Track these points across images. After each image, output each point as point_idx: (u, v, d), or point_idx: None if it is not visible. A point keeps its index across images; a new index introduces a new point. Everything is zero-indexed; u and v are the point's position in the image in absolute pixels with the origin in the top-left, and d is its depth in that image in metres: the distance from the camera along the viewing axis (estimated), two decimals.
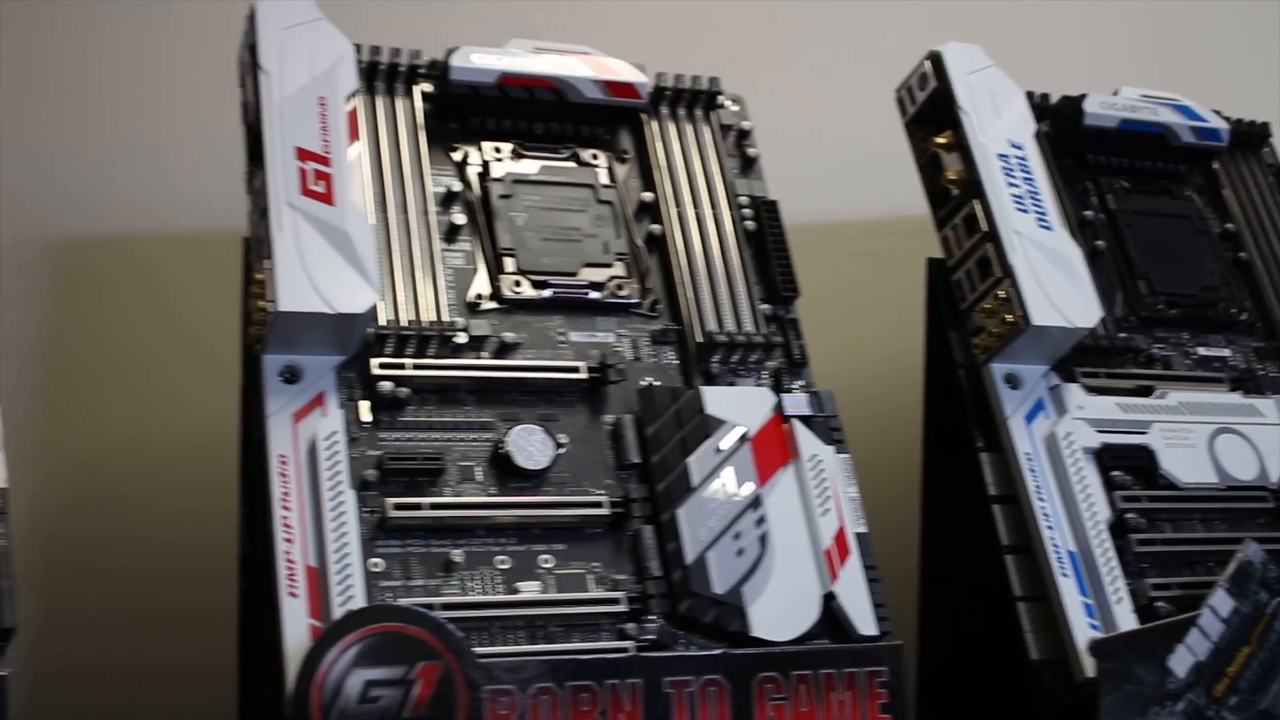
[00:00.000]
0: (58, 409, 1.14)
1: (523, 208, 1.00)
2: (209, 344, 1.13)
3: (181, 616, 1.10)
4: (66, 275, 1.17)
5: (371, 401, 0.90)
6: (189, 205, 1.20)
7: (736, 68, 1.14)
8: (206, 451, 1.15)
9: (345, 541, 0.84)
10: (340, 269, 0.86)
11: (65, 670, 1.08)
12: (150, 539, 1.12)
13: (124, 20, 1.21)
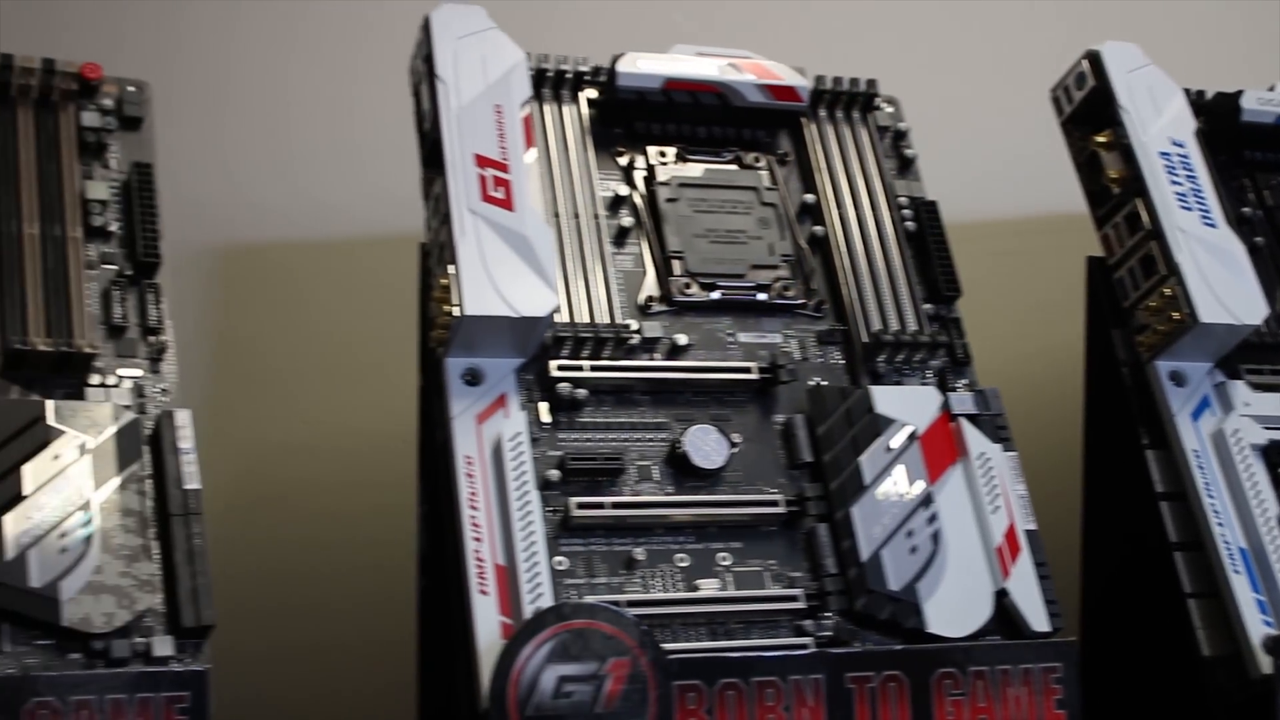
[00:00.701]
0: (226, 412, 1.17)
1: (689, 211, 1.01)
2: (373, 348, 1.15)
3: (352, 615, 1.12)
4: (234, 280, 1.19)
5: (550, 403, 0.92)
6: (354, 210, 1.22)
7: (881, 67, 1.14)
8: (372, 453, 1.17)
9: (533, 540, 0.86)
10: (522, 273, 0.88)
11: (246, 668, 1.10)
12: (320, 539, 1.14)
13: (299, 28, 1.24)
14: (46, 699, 0.78)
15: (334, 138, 1.23)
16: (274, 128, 1.23)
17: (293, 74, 1.25)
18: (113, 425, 0.87)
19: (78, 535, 0.83)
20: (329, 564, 1.14)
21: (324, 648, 1.12)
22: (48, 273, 0.91)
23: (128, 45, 1.20)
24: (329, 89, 1.24)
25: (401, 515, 1.08)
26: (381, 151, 1.22)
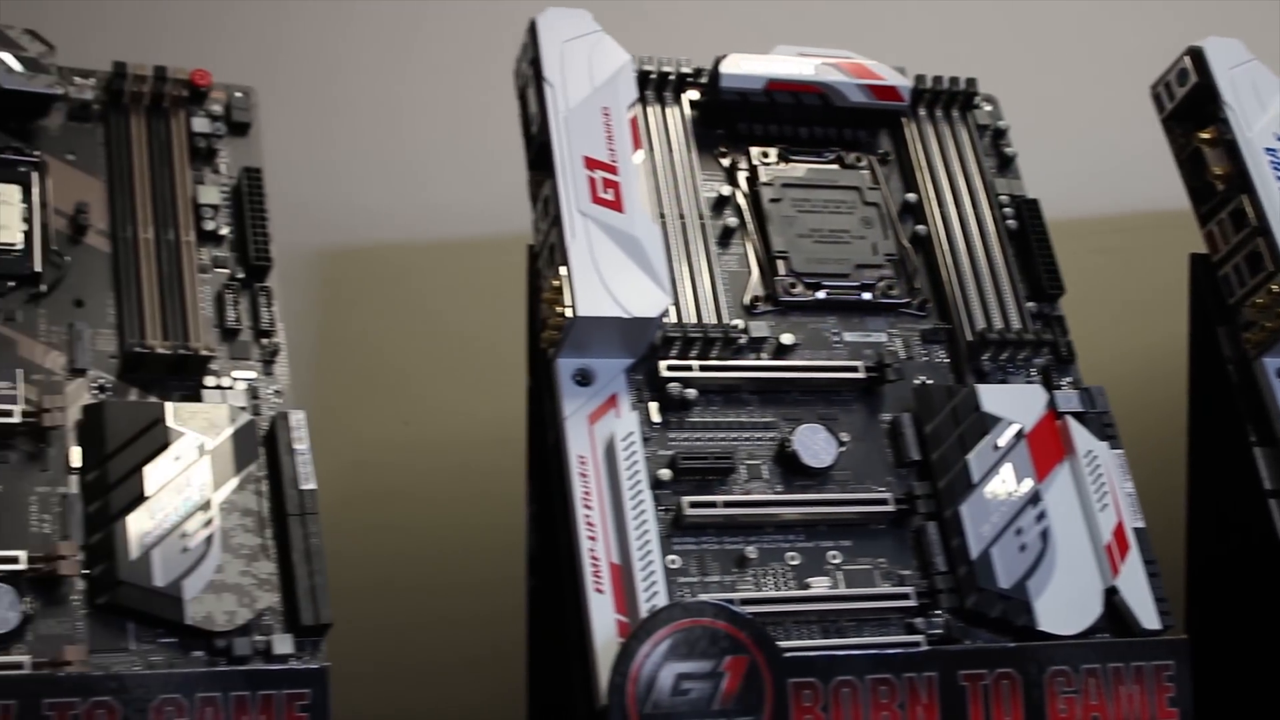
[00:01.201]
0: (333, 414, 1.18)
1: (792, 211, 1.02)
2: (478, 349, 1.16)
3: (461, 615, 1.13)
4: (338, 282, 1.20)
5: (660, 402, 0.93)
6: (457, 212, 1.23)
7: (979, 65, 1.14)
8: (477, 453, 1.19)
9: (647, 539, 0.86)
10: (633, 274, 0.89)
11: (356, 665, 1.11)
12: (426, 539, 1.15)
13: (402, 31, 1.25)
14: (173, 696, 0.79)
15: (438, 140, 1.24)
16: (377, 131, 1.24)
17: (396, 77, 1.26)
18: (230, 426, 0.88)
19: (199, 535, 0.84)
20: (435, 563, 1.15)
21: (433, 646, 1.13)
22: (163, 277, 0.93)
23: (233, 51, 1.21)
24: (434, 91, 1.26)
25: (508, 515, 1.08)
26: (486, 153, 1.23)
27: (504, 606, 1.09)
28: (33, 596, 0.81)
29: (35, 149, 0.95)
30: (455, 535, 1.17)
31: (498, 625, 1.08)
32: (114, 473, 0.84)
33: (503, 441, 1.18)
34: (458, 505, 1.18)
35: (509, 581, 1.09)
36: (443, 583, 1.15)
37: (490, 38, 1.14)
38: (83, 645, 0.81)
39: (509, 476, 1.11)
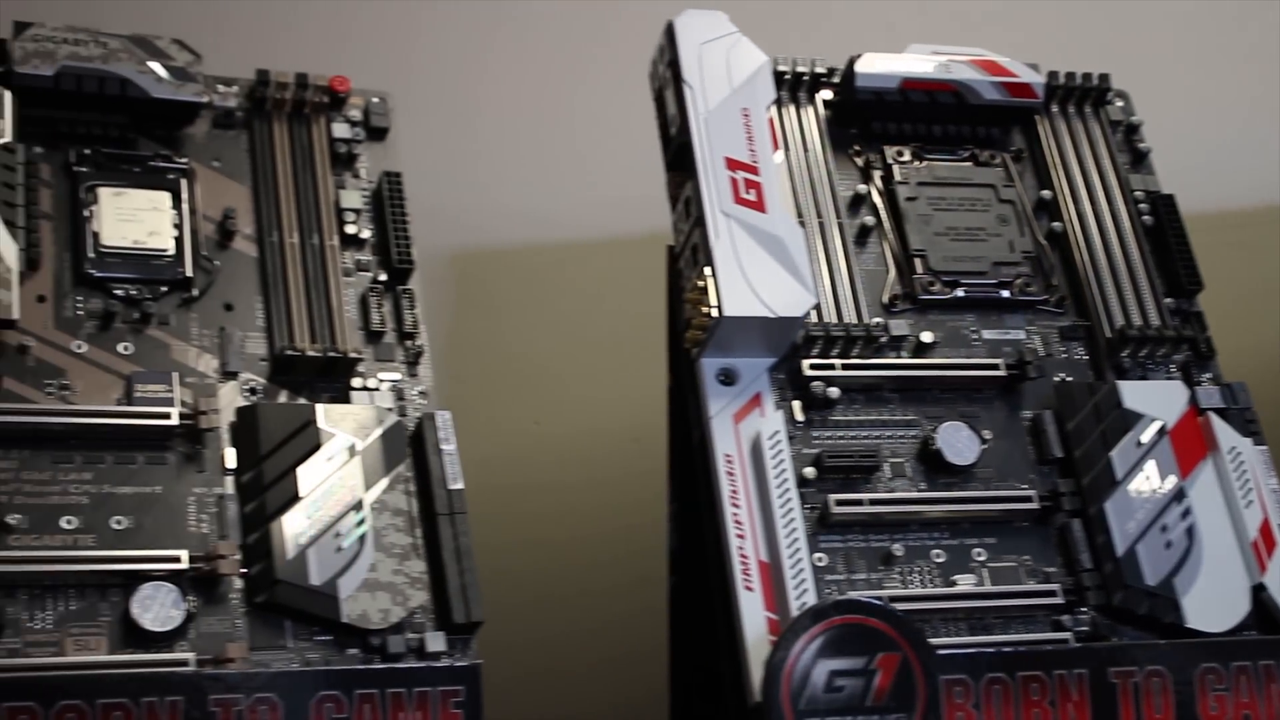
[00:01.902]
0: (468, 415, 1.19)
1: (928, 209, 1.02)
2: (609, 348, 1.17)
3: (598, 614, 1.14)
4: (470, 284, 1.22)
5: (803, 401, 0.93)
6: (585, 213, 1.24)
7: (1107, 59, 1.14)
8: (601, 451, 1.19)
9: (795, 537, 0.87)
10: (777, 274, 0.90)
11: (497, 662, 1.12)
12: (558, 538, 1.16)
13: (541, 32, 1.27)
14: (333, 692, 0.80)
15: (569, 141, 1.25)
16: (507, 133, 1.25)
17: (527, 79, 1.27)
18: (378, 428, 0.89)
19: (352, 535, 0.86)
20: (566, 561, 1.16)
21: (567, 644, 1.14)
22: (309, 280, 0.94)
23: (361, 56, 1.23)
24: (564, 93, 1.27)
25: (640, 512, 1.09)
26: (616, 154, 1.24)
27: (638, 604, 1.10)
28: (194, 595, 0.82)
29: (183, 156, 0.96)
30: (585, 533, 1.18)
31: (633, 622, 1.08)
32: (269, 474, 0.86)
33: (633, 440, 1.19)
34: (588, 503, 1.19)
35: (643, 579, 1.09)
36: (576, 580, 1.16)
37: (623, 39, 1.15)
38: (243, 643, 0.82)
39: (640, 474, 1.12)
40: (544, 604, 1.15)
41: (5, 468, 0.84)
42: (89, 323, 0.89)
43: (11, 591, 0.80)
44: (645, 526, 1.15)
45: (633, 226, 1.21)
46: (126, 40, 0.95)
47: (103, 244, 0.92)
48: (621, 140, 1.16)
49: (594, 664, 1.14)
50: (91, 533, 0.83)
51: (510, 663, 1.13)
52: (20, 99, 0.92)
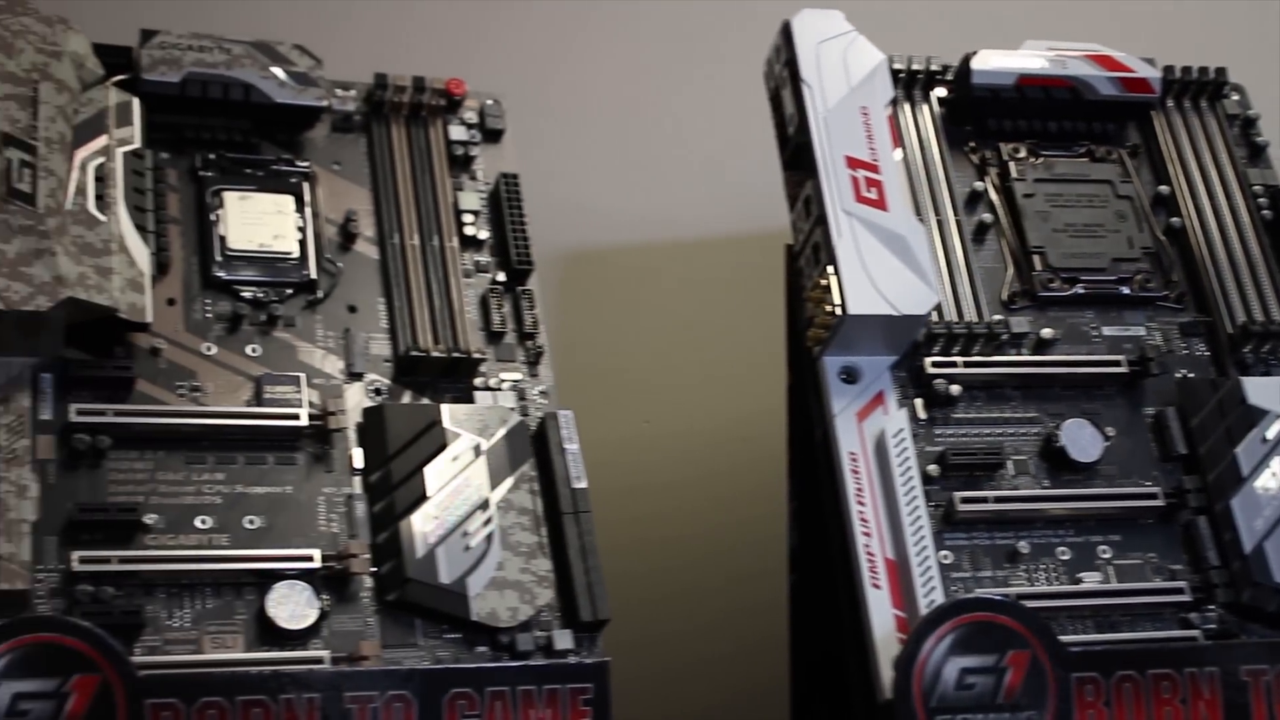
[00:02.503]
0: (583, 414, 1.19)
1: (1046, 206, 1.02)
2: (708, 347, 1.18)
3: (715, 611, 1.14)
4: (579, 284, 1.22)
5: (925, 399, 0.93)
6: (692, 212, 1.24)
7: (1217, 53, 1.13)
8: (711, 449, 1.20)
9: (922, 535, 0.87)
10: (900, 272, 0.90)
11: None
12: (672, 536, 1.17)
13: (653, 31, 1.27)
14: (465, 690, 0.81)
15: (676, 140, 1.26)
16: (617, 133, 1.26)
17: (635, 79, 1.28)
18: (502, 427, 0.90)
19: (480, 534, 0.86)
20: (677, 559, 1.16)
21: (687, 641, 1.14)
22: (431, 282, 0.95)
23: (470, 56, 1.24)
24: (672, 92, 1.27)
25: (751, 510, 1.10)
26: (723, 154, 1.25)
27: (752, 601, 1.10)
28: (327, 593, 0.83)
29: (304, 160, 0.97)
30: (695, 531, 1.19)
31: (747, 619, 1.09)
32: (396, 473, 0.87)
33: (743, 439, 1.20)
34: (698, 502, 1.19)
35: (755, 576, 1.10)
36: (689, 578, 1.16)
37: (735, 39, 1.15)
38: (375, 640, 0.83)
39: (749, 473, 1.12)
40: (658, 601, 1.15)
41: (141, 469, 0.85)
42: (218, 325, 0.90)
43: (150, 590, 0.81)
44: (755, 524, 1.15)
45: (739, 225, 1.22)
46: (249, 46, 0.97)
47: (229, 247, 0.93)
48: (732, 140, 1.17)
49: (711, 661, 1.14)
50: (225, 532, 0.84)
51: (628, 660, 1.13)
52: (147, 105, 0.93)
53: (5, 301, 0.80)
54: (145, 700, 0.75)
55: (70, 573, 0.79)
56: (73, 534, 0.81)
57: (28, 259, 0.81)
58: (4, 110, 0.86)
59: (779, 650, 1.03)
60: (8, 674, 0.73)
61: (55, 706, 0.73)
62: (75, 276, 0.82)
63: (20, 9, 0.89)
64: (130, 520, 0.82)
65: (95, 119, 0.90)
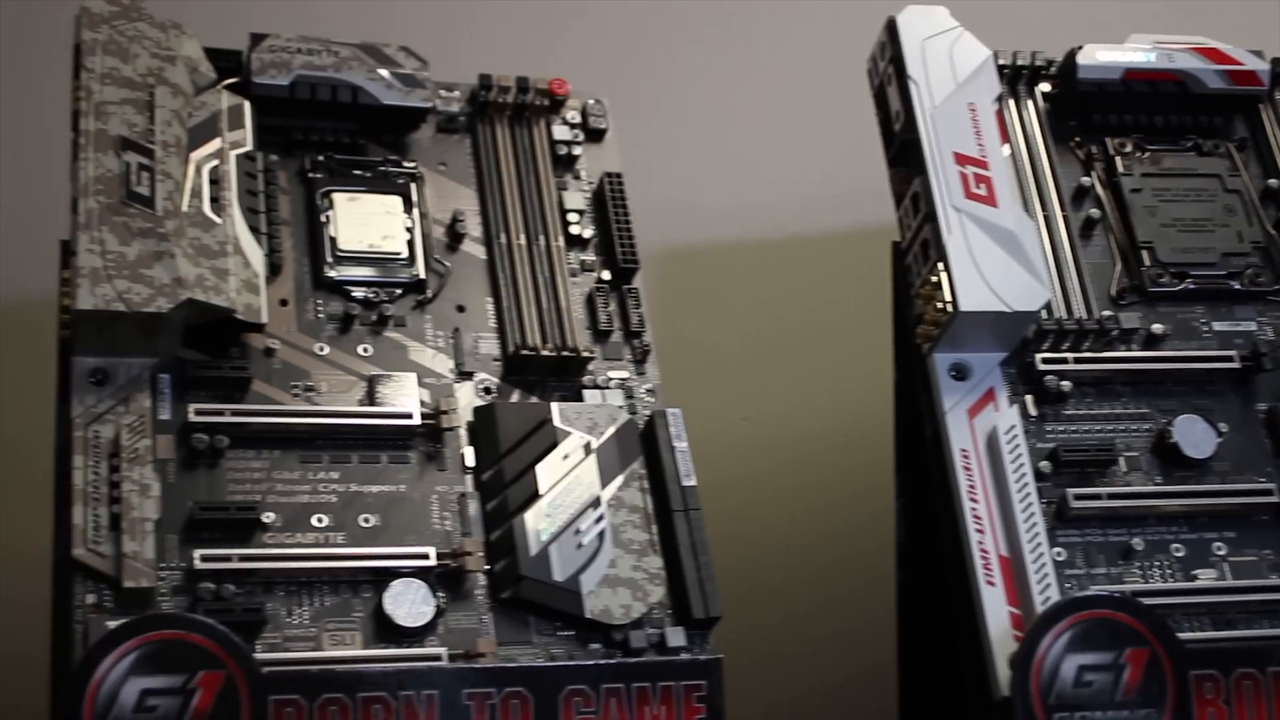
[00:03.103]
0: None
1: (1154, 201, 1.01)
2: (805, 344, 1.18)
3: (821, 607, 1.14)
4: (673, 282, 1.23)
5: (1035, 395, 0.93)
6: (775, 212, 1.24)
7: None
8: (810, 446, 1.20)
9: (1036, 531, 0.86)
10: (1010, 268, 0.89)
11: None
12: (770, 535, 1.17)
13: (754, 28, 1.27)
14: (580, 687, 0.81)
15: (773, 137, 1.26)
16: (714, 131, 1.26)
17: (736, 77, 1.28)
18: (611, 425, 0.90)
19: (592, 531, 0.87)
20: (778, 556, 1.16)
21: (792, 639, 1.14)
22: (538, 281, 0.95)
23: (564, 55, 1.24)
24: (771, 91, 1.27)
25: (853, 509, 1.09)
26: (817, 150, 1.25)
27: (854, 600, 1.10)
28: (442, 591, 0.84)
29: (410, 160, 0.98)
30: (795, 529, 1.19)
31: (850, 617, 1.09)
32: (508, 471, 0.87)
33: (843, 435, 1.20)
34: (797, 500, 1.19)
35: (857, 574, 1.10)
36: (791, 575, 1.16)
37: (834, 36, 1.15)
38: (491, 638, 0.83)
39: (850, 470, 1.12)
40: (760, 598, 1.15)
41: (257, 468, 0.86)
42: (329, 325, 0.91)
43: (269, 588, 0.82)
44: (856, 521, 1.15)
45: (839, 222, 1.22)
46: (356, 48, 0.97)
47: (340, 248, 0.94)
48: (833, 136, 1.17)
49: (818, 656, 1.14)
50: (341, 530, 0.85)
51: (734, 656, 1.14)
52: (256, 108, 0.94)
53: (126, 303, 0.81)
54: (269, 697, 0.76)
55: (192, 571, 0.80)
56: (193, 532, 0.82)
57: (148, 261, 0.82)
58: (121, 115, 0.87)
59: (886, 646, 1.03)
60: (135, 670, 0.74)
61: (182, 703, 0.74)
62: (194, 278, 0.83)
63: (135, 14, 0.90)
64: (249, 519, 0.83)
65: (208, 122, 0.91)
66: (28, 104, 1.13)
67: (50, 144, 1.00)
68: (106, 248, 0.82)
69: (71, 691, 0.72)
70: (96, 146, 0.85)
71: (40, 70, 1.11)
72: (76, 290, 0.80)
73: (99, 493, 0.80)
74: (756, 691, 1.14)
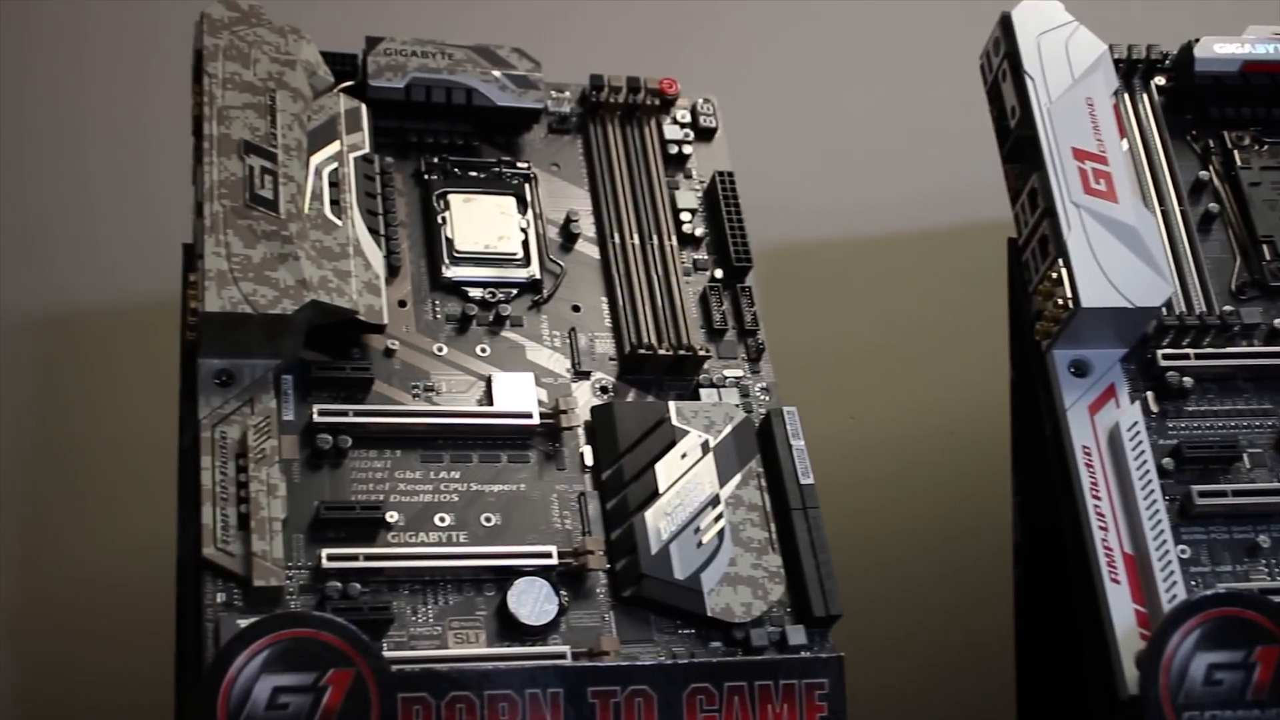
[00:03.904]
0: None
1: (1273, 194, 1.00)
2: (911, 341, 1.17)
3: (936, 608, 1.14)
4: (777, 280, 1.22)
5: (1156, 392, 0.92)
6: (880, 209, 1.24)
7: None
8: (916, 444, 1.19)
9: (1160, 529, 0.86)
10: (1131, 264, 0.89)
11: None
12: (872, 530, 1.16)
13: (861, 25, 1.27)
14: (704, 685, 0.81)
15: (878, 134, 1.25)
16: (818, 129, 1.26)
17: (838, 76, 1.28)
18: (728, 424, 0.90)
19: (711, 530, 0.87)
20: (890, 556, 1.16)
21: (908, 635, 1.14)
22: (652, 280, 0.96)
23: (676, 55, 1.25)
24: (877, 87, 1.27)
25: (960, 508, 1.09)
26: (929, 146, 1.24)
27: (965, 597, 1.10)
28: (564, 590, 0.84)
29: (523, 161, 0.99)
30: (902, 528, 1.18)
31: (961, 615, 1.09)
32: (628, 470, 0.88)
33: (948, 434, 1.19)
34: (904, 498, 1.19)
35: (969, 571, 1.09)
36: (901, 573, 1.16)
37: (944, 32, 1.15)
38: (614, 636, 0.84)
39: (956, 469, 1.12)
40: (872, 597, 1.15)
41: (380, 467, 0.86)
42: (447, 325, 0.92)
43: (394, 586, 0.83)
44: (968, 519, 1.15)
45: (947, 219, 1.21)
46: (470, 50, 0.98)
47: (456, 249, 0.94)
48: (940, 133, 1.16)
49: (933, 655, 1.14)
50: (464, 529, 0.86)
51: (849, 654, 1.13)
52: (372, 110, 0.95)
53: (253, 306, 0.82)
54: (398, 694, 0.76)
55: (319, 570, 0.81)
56: (319, 531, 0.83)
57: (273, 264, 0.83)
58: (244, 119, 0.88)
59: (1003, 643, 1.02)
60: (267, 668, 0.74)
61: (313, 700, 0.75)
62: (317, 280, 0.84)
63: (255, 20, 0.91)
64: (374, 518, 0.83)
65: (327, 125, 0.92)
66: (146, 110, 1.15)
67: (168, 149, 1.01)
68: (232, 250, 0.83)
69: (205, 689, 0.73)
70: (220, 151, 0.86)
71: (157, 76, 1.13)
72: (203, 293, 0.81)
73: (227, 493, 0.81)
74: (873, 691, 1.14)
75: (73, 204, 1.13)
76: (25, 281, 1.10)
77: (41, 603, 1.05)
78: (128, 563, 1.05)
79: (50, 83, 1.14)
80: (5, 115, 1.11)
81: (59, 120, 1.14)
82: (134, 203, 1.13)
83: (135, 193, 1.13)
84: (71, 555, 1.06)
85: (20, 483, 1.07)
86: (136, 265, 1.11)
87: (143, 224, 1.12)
